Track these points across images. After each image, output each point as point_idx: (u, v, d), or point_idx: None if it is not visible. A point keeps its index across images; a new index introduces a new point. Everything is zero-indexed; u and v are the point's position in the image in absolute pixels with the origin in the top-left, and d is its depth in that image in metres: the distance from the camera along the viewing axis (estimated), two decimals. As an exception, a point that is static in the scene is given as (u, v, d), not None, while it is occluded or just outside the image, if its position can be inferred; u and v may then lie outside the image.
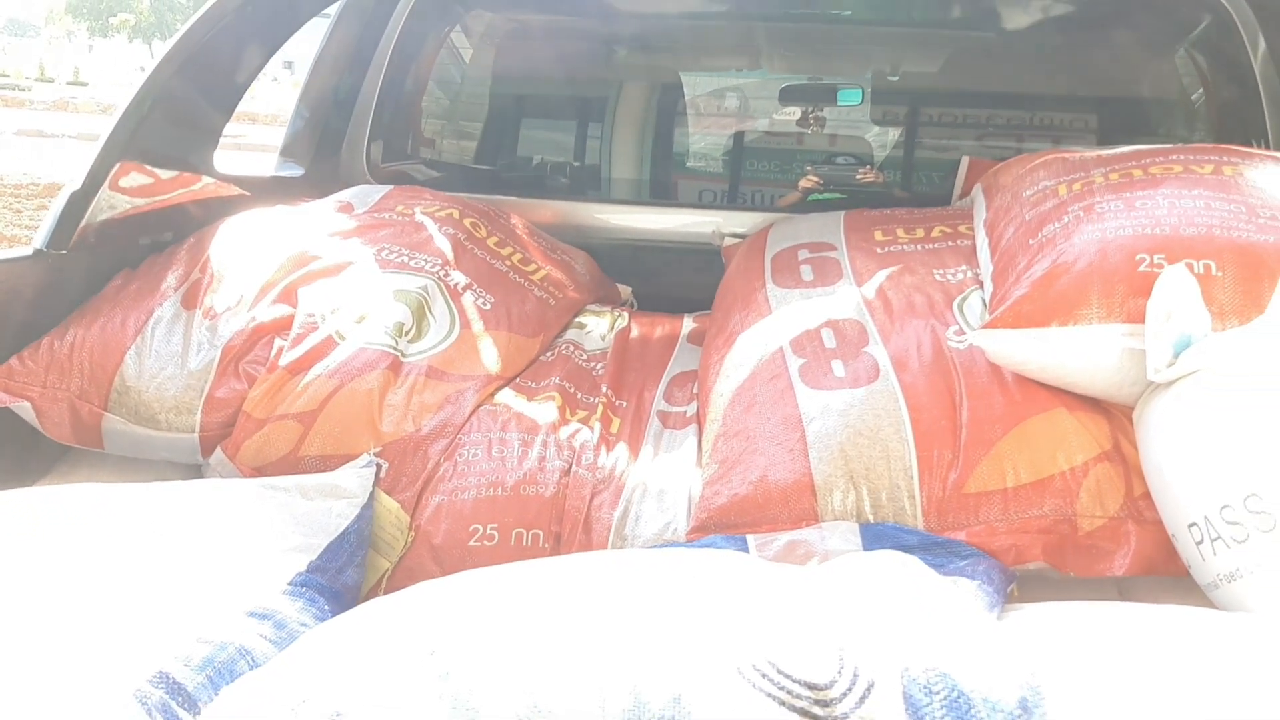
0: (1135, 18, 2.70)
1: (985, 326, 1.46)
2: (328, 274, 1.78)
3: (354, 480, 1.46)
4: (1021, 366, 1.45)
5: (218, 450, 1.56)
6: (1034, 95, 3.02)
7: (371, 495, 1.47)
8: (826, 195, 2.85)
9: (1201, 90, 2.71)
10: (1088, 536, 1.36)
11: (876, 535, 1.38)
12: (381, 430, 1.55)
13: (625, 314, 2.14)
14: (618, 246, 2.55)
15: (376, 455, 1.52)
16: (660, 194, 3.10)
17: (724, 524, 1.43)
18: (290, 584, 1.20)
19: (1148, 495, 1.34)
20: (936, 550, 1.35)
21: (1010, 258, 1.60)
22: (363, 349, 1.63)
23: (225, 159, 2.14)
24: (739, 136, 3.30)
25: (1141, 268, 1.41)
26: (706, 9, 2.92)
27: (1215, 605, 1.21)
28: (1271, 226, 1.44)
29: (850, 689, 0.73)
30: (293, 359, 1.60)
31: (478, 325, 1.79)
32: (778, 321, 1.73)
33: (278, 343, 1.65)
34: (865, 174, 2.89)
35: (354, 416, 1.55)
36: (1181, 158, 1.66)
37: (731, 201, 3.08)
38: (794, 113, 3.24)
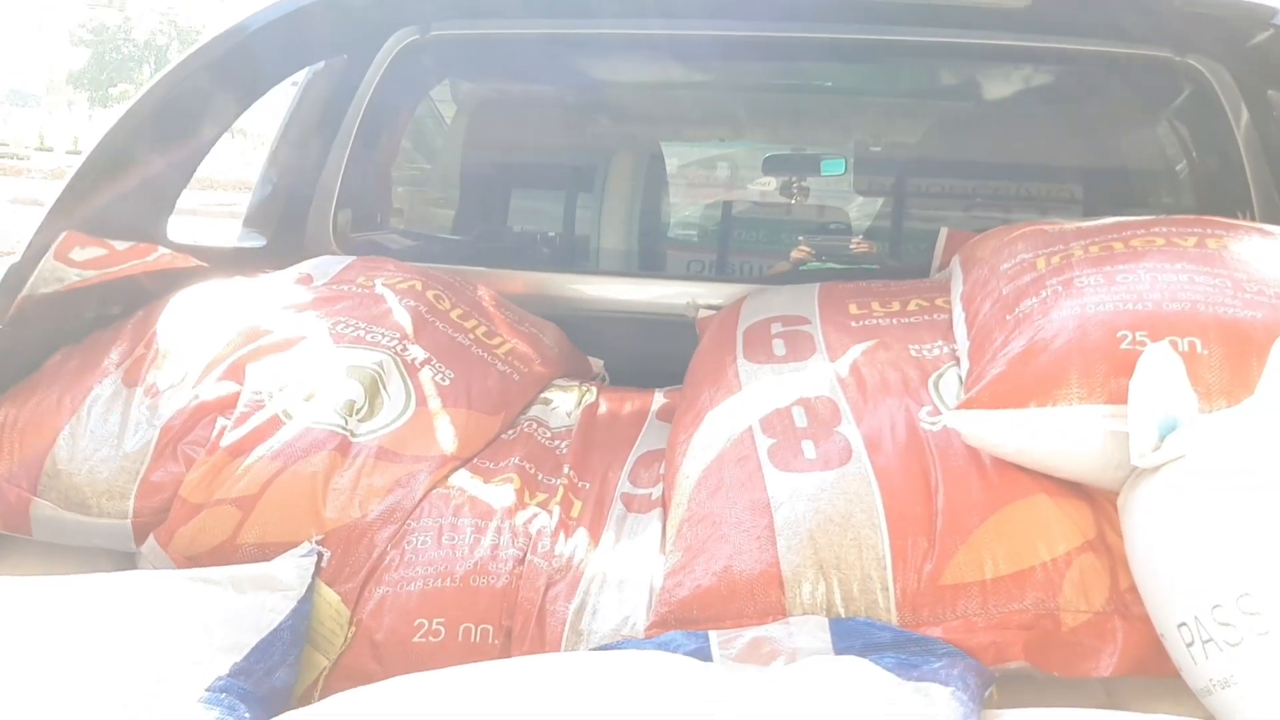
0: (1116, 88, 2.67)
1: (960, 407, 1.39)
2: (278, 349, 1.70)
3: (291, 571, 1.37)
4: (998, 449, 1.37)
5: (150, 538, 1.47)
6: (1017, 166, 2.98)
7: (310, 587, 1.38)
8: (815, 266, 2.80)
9: (1185, 161, 2.67)
10: (1072, 633, 1.27)
11: (847, 632, 1.29)
12: (325, 516, 1.46)
13: (593, 389, 2.07)
14: (590, 319, 2.48)
15: (318, 543, 1.44)
16: (635, 265, 3.05)
17: (685, 619, 1.35)
18: (209, 689, 1.11)
19: (1135, 588, 1.25)
20: (911, 648, 1.27)
21: (986, 334, 1.53)
22: (309, 429, 1.55)
23: (184, 226, 2.08)
24: (718, 207, 3.26)
25: (1123, 345, 1.34)
26: (686, 79, 2.89)
27: (1210, 712, 1.13)
28: (1258, 302, 1.37)
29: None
30: (234, 440, 1.52)
31: (435, 402, 1.72)
32: (747, 399, 1.66)
33: (220, 422, 1.57)
34: (859, 245, 2.85)
35: (296, 501, 1.47)
36: (1164, 230, 1.60)
37: (708, 272, 3.02)
38: (770, 183, 3.20)
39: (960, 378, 1.57)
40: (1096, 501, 1.35)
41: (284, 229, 2.45)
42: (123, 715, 1.01)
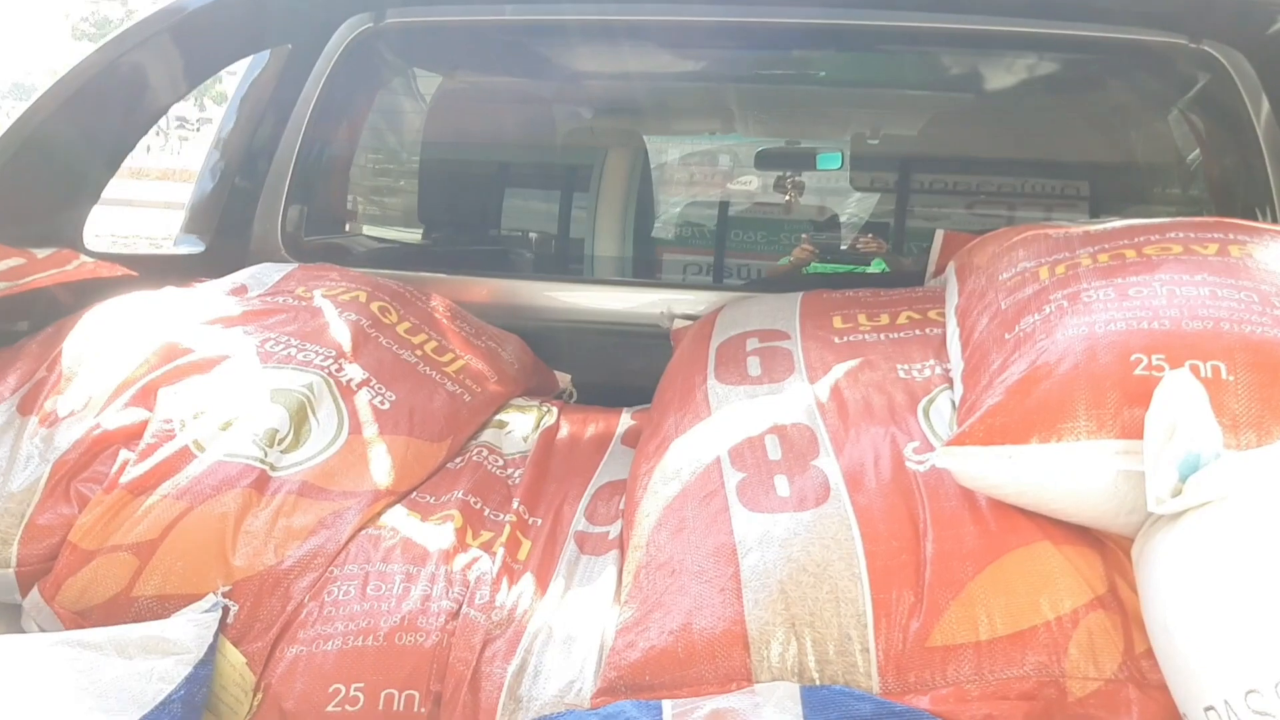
0: (1127, 77, 2.49)
1: (951, 443, 1.22)
2: (197, 371, 1.53)
3: (189, 631, 1.20)
4: (996, 490, 1.20)
5: (34, 590, 1.30)
6: (1020, 160, 2.81)
7: (212, 648, 1.21)
8: (819, 268, 2.63)
9: (1199, 154, 2.49)
10: (1079, 704, 1.10)
11: (821, 703, 1.12)
12: (234, 564, 1.29)
13: (554, 410, 1.89)
14: (560, 329, 2.31)
15: (225, 595, 1.27)
16: (611, 270, 2.87)
17: (637, 685, 1.18)
18: (61, 787, 0.94)
19: (1152, 652, 1.08)
20: (893, 723, 1.10)
21: (983, 355, 1.36)
22: (221, 463, 1.38)
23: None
24: (704, 206, 3.09)
25: (1138, 370, 1.17)
26: (663, 68, 2.71)
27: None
28: (1290, 319, 1.21)
29: None
30: (136, 476, 1.35)
31: (370, 429, 1.54)
32: (716, 426, 1.49)
33: (124, 455, 1.40)
34: (867, 243, 2.68)
35: (202, 547, 1.30)
36: (1181, 235, 1.43)
37: (690, 279, 2.84)
38: (761, 181, 3.04)
39: (954, 403, 1.40)
40: (1108, 549, 1.19)
41: (226, 234, 2.27)
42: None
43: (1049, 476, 1.16)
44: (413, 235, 2.84)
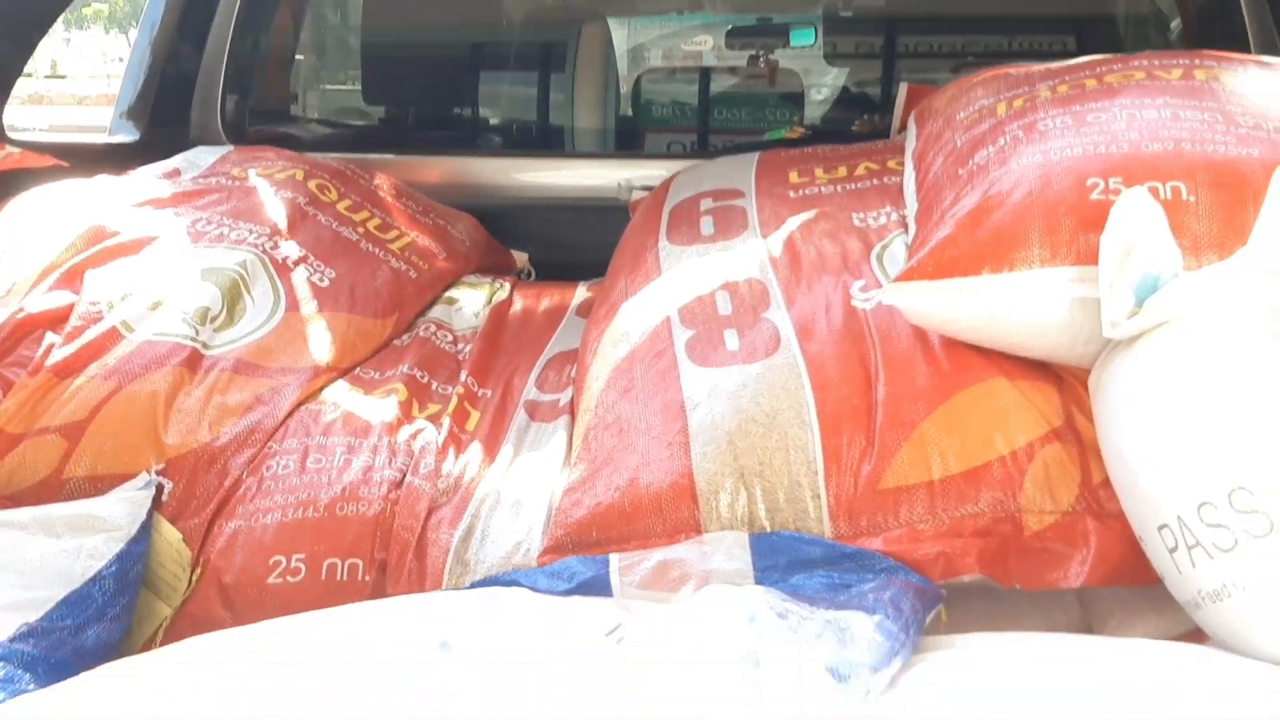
0: None
1: (899, 278, 1.16)
2: (125, 252, 1.47)
3: (120, 508, 1.16)
4: (948, 326, 1.16)
5: (-39, 477, 1.26)
6: (1003, 18, 2.71)
7: (145, 526, 1.17)
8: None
9: (1180, 5, 2.40)
10: (1036, 538, 1.06)
11: (770, 548, 1.09)
12: (166, 442, 1.25)
13: (507, 285, 1.84)
14: (514, 207, 2.23)
15: (159, 473, 1.23)
16: (567, 144, 2.77)
17: (584, 542, 1.14)
18: (-22, 660, 0.91)
19: (1109, 482, 1.04)
20: (844, 564, 1.07)
21: (936, 193, 1.30)
22: (150, 342, 1.33)
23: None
24: (665, 82, 2.98)
25: (1094, 195, 1.12)
26: None
27: (1199, 628, 0.93)
28: (1255, 138, 1.15)
29: None
30: (62, 358, 1.30)
31: (309, 306, 1.49)
32: (667, 286, 1.44)
33: (50, 339, 1.35)
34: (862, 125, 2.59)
35: (132, 426, 1.25)
36: (1144, 63, 1.36)
37: (647, 150, 2.76)
38: (728, 54, 2.93)
39: (908, 245, 1.35)
40: (1065, 383, 1.14)
41: (162, 121, 2.17)
42: None
43: (1002, 308, 1.11)
44: (362, 119, 2.74)
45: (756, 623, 0.79)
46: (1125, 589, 1.08)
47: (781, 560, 1.08)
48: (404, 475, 1.26)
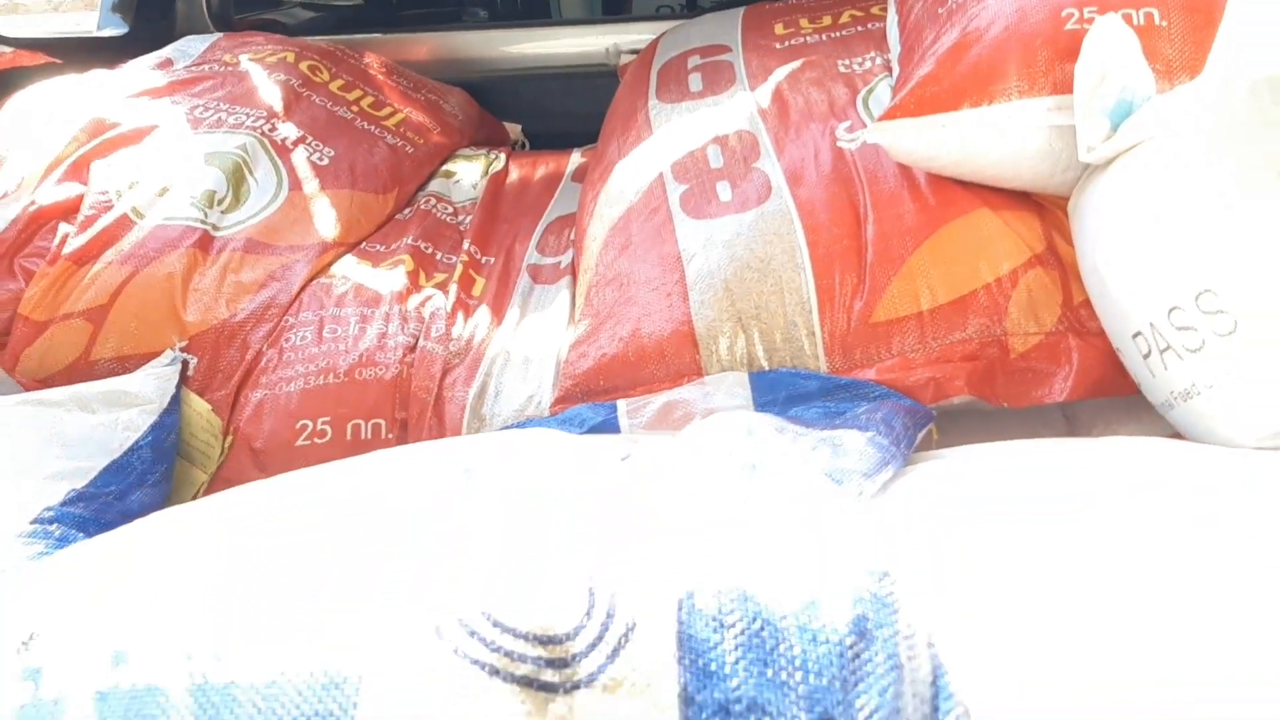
0: None
1: (883, 118, 1.19)
2: (128, 142, 1.50)
3: (150, 384, 1.23)
4: (932, 162, 1.19)
5: (-6, 364, 1.32)
6: None
7: (175, 399, 1.23)
8: None
9: None
10: (1021, 358, 1.12)
11: (769, 384, 1.15)
12: (186, 320, 1.30)
13: (503, 156, 1.86)
14: (504, 80, 2.23)
15: (182, 350, 1.28)
16: (550, 12, 2.74)
17: (591, 390, 1.20)
18: (35, 521, 0.98)
19: (1089, 301, 1.09)
20: (839, 394, 1.13)
21: (917, 33, 1.32)
22: (161, 226, 1.37)
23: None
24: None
25: (1069, 25, 1.13)
26: None
27: (1172, 427, 0.99)
28: (1229, -43, 1.16)
29: (600, 638, 0.51)
30: (78, 246, 1.35)
31: (311, 185, 1.52)
32: (658, 143, 1.46)
33: (64, 229, 1.39)
34: None
35: (153, 306, 1.31)
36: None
37: (638, 10, 2.72)
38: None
39: (891, 87, 1.37)
40: (1046, 210, 1.18)
41: (148, 14, 2.16)
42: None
43: (983, 141, 1.14)
44: (346, 1, 2.71)
45: (754, 435, 0.85)
46: (1106, 401, 1.14)
47: (780, 395, 1.13)
48: (416, 340, 1.31)
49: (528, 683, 0.49)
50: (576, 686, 0.49)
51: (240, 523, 0.72)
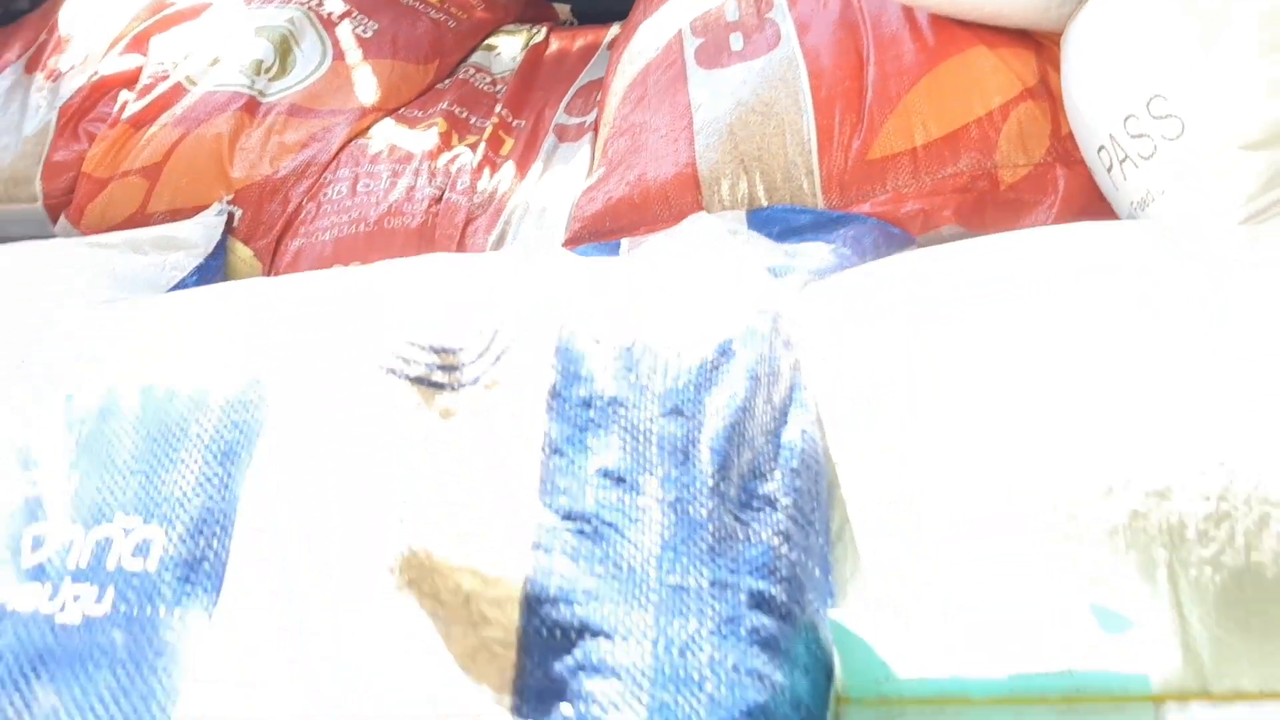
0: None
1: (883, -45, 1.21)
2: (185, 19, 1.60)
3: (197, 231, 1.33)
4: (932, 3, 1.21)
5: (62, 218, 1.44)
6: None
7: (221, 245, 1.34)
8: None
9: None
10: (1010, 189, 1.14)
11: (764, 221, 1.19)
12: (232, 176, 1.40)
13: (544, 29, 1.91)
14: None
15: (229, 203, 1.39)
16: None
17: (599, 231, 1.26)
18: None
19: (1077, 132, 1.11)
20: (830, 227, 1.16)
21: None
22: (211, 92, 1.47)
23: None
24: None
25: None
26: None
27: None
28: None
29: (487, 349, 0.58)
30: (136, 111, 1.45)
31: (354, 55, 1.60)
32: (680, 2, 1.50)
33: (124, 96, 1.50)
34: None
35: (202, 165, 1.41)
36: None
37: None
38: None
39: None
40: (1043, 47, 1.19)
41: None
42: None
43: (978, -24, 1.16)
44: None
45: (720, 240, 0.91)
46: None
47: (775, 229, 1.18)
48: (443, 193, 1.39)
49: (420, 380, 0.56)
50: (462, 385, 0.56)
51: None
